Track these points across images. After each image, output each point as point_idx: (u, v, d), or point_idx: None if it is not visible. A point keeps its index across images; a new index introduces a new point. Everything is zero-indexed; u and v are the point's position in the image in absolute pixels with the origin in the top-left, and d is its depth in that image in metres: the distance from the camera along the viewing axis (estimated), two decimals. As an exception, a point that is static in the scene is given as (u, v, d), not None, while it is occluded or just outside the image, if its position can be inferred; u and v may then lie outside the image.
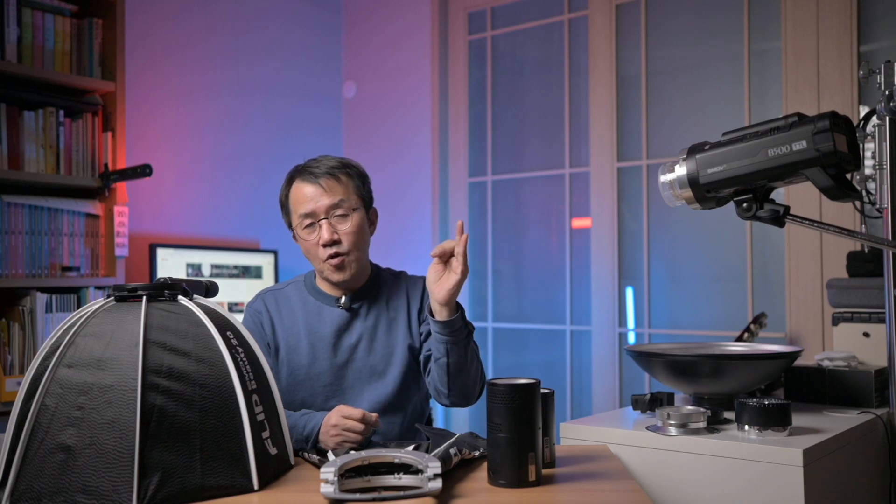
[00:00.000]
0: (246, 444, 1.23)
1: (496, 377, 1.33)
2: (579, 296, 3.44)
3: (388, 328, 1.78)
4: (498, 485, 1.26)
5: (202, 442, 1.19)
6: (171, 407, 1.18)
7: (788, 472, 1.39)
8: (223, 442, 1.21)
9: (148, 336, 1.21)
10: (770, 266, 2.98)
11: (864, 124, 1.68)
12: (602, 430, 1.62)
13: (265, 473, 1.26)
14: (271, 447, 1.30)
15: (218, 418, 1.21)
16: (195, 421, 1.19)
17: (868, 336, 2.05)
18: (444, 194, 3.77)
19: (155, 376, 1.18)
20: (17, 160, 2.53)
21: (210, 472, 1.18)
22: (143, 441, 1.14)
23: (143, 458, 1.13)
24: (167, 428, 1.17)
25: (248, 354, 1.32)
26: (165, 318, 1.26)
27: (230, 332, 1.32)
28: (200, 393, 1.21)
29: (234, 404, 1.24)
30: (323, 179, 1.74)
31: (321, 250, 1.73)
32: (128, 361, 1.18)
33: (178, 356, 1.22)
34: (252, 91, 3.59)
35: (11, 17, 2.52)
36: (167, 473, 1.15)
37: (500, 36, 3.72)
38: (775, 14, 2.96)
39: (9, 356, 2.45)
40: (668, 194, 1.50)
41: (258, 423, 1.27)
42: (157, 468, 1.14)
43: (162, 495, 1.13)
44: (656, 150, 3.24)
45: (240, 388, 1.25)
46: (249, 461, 1.23)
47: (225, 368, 1.25)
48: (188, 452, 1.17)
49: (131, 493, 1.11)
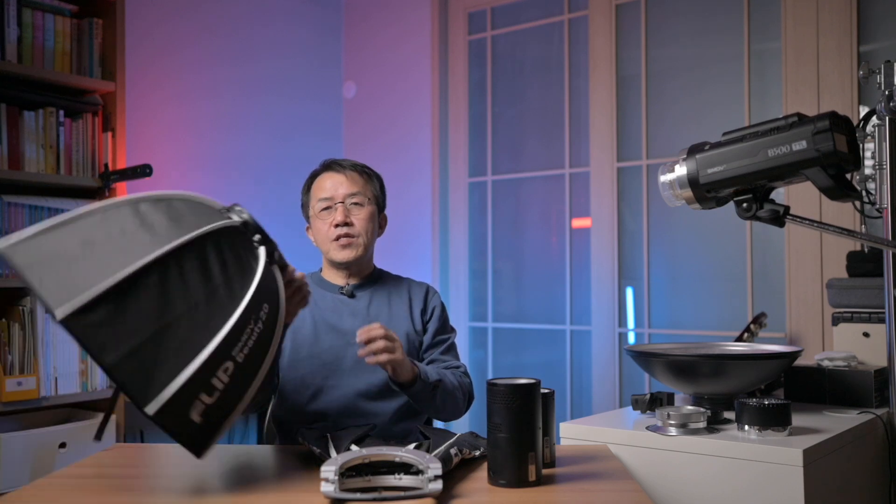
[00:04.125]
0: (177, 378, 1.12)
1: (496, 377, 1.33)
2: (579, 296, 3.44)
3: (388, 316, 1.86)
4: (498, 485, 1.26)
5: (159, 329, 1.13)
6: (172, 285, 1.16)
7: (788, 472, 1.39)
8: (170, 351, 1.13)
9: (211, 240, 1.22)
10: (770, 266, 2.98)
11: (864, 124, 1.68)
12: (602, 430, 1.62)
13: (167, 418, 1.13)
14: (196, 413, 1.15)
15: (187, 332, 1.15)
16: (177, 310, 1.15)
17: (868, 336, 2.05)
18: (444, 194, 3.77)
19: (188, 262, 1.18)
20: (17, 160, 2.53)
21: (132, 359, 1.11)
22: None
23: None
24: (152, 293, 1.14)
25: (262, 335, 1.23)
26: (234, 245, 1.26)
27: (268, 305, 1.26)
28: (199, 300, 1.17)
29: (204, 343, 1.15)
30: (348, 171, 1.87)
31: (331, 230, 1.82)
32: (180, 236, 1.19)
33: (215, 267, 1.21)
34: (252, 91, 3.59)
35: (11, 17, 2.52)
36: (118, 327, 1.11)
37: (500, 36, 3.72)
38: (775, 14, 2.96)
39: (9, 356, 2.44)
40: (668, 194, 1.50)
41: (208, 384, 1.15)
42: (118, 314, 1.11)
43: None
44: (656, 150, 3.24)
45: (221, 341, 1.16)
46: (165, 392, 1.11)
47: (227, 315, 1.19)
48: (148, 322, 1.13)
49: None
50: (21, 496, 1.26)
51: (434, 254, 3.74)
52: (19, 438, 2.38)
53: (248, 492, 1.30)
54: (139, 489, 1.37)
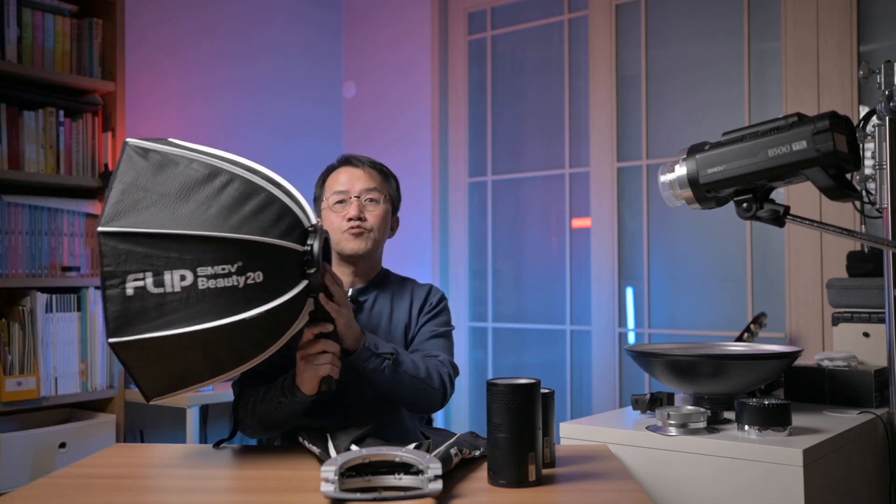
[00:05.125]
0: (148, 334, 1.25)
1: (496, 377, 1.33)
2: (579, 296, 3.44)
3: (388, 323, 1.82)
4: (498, 485, 1.26)
5: (160, 302, 1.26)
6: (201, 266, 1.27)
7: (788, 472, 1.39)
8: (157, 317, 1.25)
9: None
10: (770, 266, 2.98)
11: (864, 124, 1.68)
12: (602, 430, 1.62)
13: (125, 351, 1.27)
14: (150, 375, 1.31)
15: (177, 309, 1.26)
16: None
17: (868, 336, 2.05)
18: (444, 194, 3.77)
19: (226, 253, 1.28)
20: (17, 160, 2.53)
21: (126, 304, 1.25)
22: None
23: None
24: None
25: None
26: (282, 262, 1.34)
27: (270, 333, 1.34)
28: (214, 293, 1.27)
29: (186, 325, 1.26)
30: (366, 167, 1.85)
31: (344, 223, 1.78)
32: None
33: (250, 270, 1.29)
34: (252, 91, 3.59)
35: (11, 17, 2.52)
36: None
37: (500, 36, 3.72)
38: (775, 14, 2.96)
39: (9, 356, 2.44)
40: (668, 194, 1.50)
41: (163, 355, 1.27)
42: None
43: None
44: (656, 150, 3.24)
45: (201, 330, 1.26)
46: (132, 336, 1.25)
47: (222, 316, 1.27)
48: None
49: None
50: (21, 496, 1.26)
51: (434, 254, 3.74)
52: (19, 438, 2.38)
53: (248, 492, 1.30)
54: (139, 489, 1.37)
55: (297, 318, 1.37)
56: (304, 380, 1.50)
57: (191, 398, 2.63)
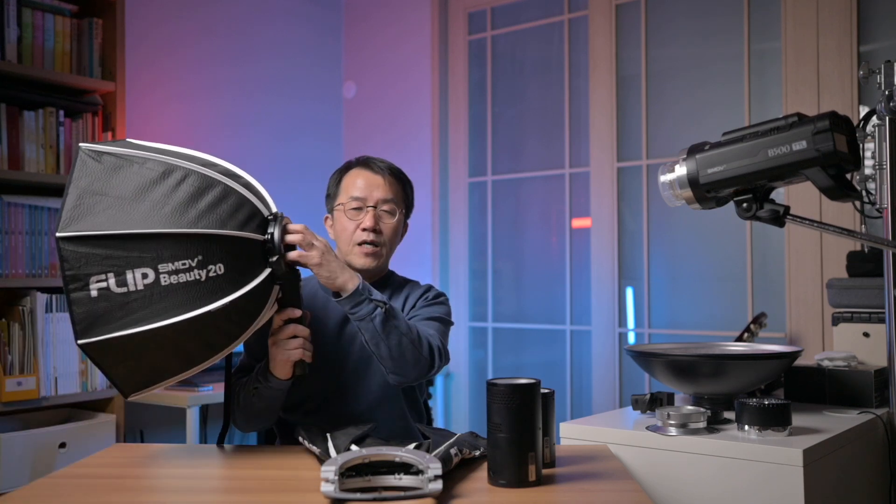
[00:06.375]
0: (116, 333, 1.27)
1: (496, 377, 1.33)
2: (579, 296, 3.44)
3: None
4: (498, 485, 1.26)
5: (124, 302, 1.28)
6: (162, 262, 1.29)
7: (788, 472, 1.39)
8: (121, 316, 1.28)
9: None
10: (770, 266, 2.98)
11: (864, 124, 1.68)
12: (602, 430, 1.62)
13: (94, 351, 1.29)
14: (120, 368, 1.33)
15: (143, 305, 1.28)
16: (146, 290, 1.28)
17: (868, 336, 2.05)
18: (444, 194, 3.77)
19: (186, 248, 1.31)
20: (17, 160, 2.53)
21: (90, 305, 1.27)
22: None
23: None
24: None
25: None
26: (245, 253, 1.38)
27: (237, 324, 1.36)
28: (176, 288, 1.30)
29: (153, 321, 1.28)
30: (386, 174, 1.82)
31: (358, 234, 1.76)
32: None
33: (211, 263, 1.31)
34: (252, 91, 3.59)
35: (11, 17, 2.52)
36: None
37: (500, 36, 3.72)
38: (775, 14, 2.96)
39: (9, 356, 2.44)
40: (668, 194, 1.50)
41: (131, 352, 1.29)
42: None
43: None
44: (656, 150, 3.24)
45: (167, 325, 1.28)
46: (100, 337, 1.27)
47: (189, 310, 1.29)
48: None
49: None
50: (21, 496, 1.26)
51: (434, 254, 3.74)
52: (19, 438, 2.38)
53: (248, 492, 1.30)
54: (139, 489, 1.37)
55: (264, 307, 1.40)
56: (277, 364, 1.53)
57: (190, 398, 2.62)
